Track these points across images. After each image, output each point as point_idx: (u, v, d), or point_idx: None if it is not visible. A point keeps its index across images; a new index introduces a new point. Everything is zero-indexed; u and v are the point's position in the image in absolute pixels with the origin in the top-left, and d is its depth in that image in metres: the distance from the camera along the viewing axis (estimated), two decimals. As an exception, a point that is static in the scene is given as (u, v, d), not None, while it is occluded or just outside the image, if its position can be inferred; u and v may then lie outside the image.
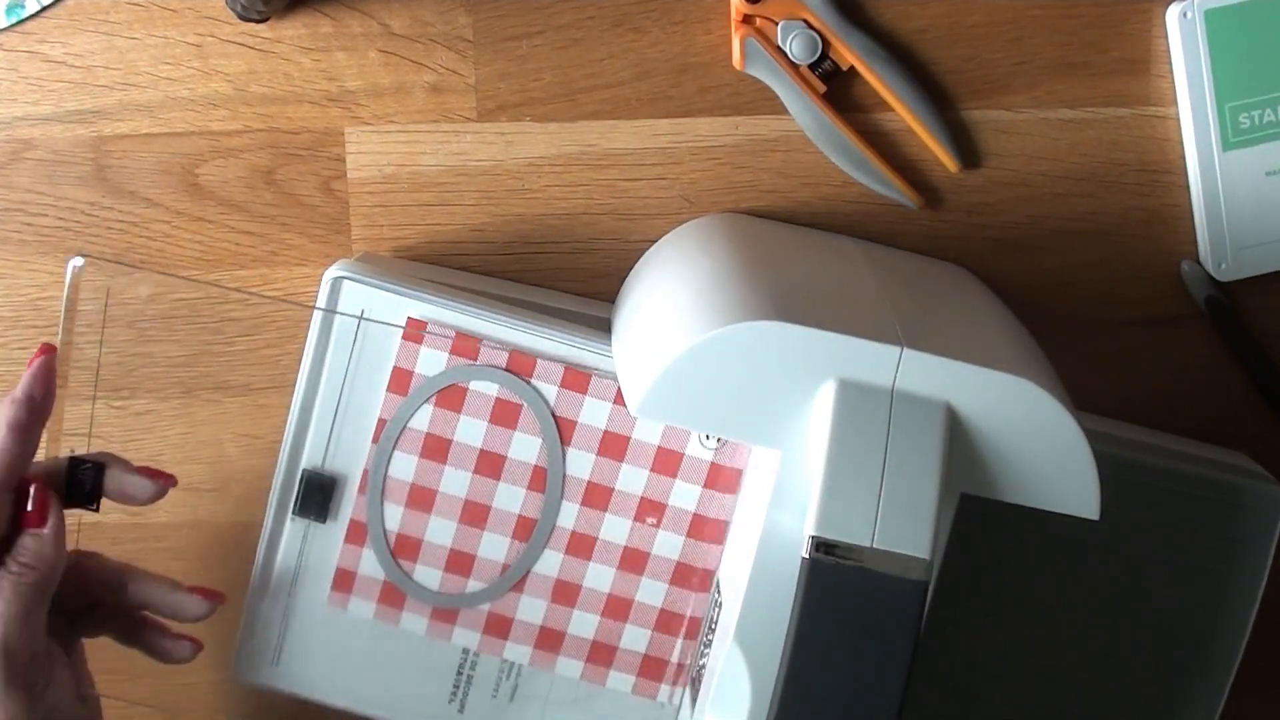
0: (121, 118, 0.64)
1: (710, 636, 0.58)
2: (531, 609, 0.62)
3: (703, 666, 0.59)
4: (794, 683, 0.48)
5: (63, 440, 0.67)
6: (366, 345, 0.60)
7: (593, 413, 0.60)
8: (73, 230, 0.65)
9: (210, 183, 0.65)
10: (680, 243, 0.64)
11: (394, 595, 0.62)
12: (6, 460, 0.55)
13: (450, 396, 0.60)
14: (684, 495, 0.61)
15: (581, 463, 0.61)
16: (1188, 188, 0.66)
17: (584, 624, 0.62)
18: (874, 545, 0.48)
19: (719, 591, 0.59)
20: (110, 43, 0.63)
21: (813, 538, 0.48)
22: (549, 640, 0.63)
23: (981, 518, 0.56)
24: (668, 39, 0.64)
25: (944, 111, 0.64)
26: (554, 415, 0.60)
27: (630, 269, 0.66)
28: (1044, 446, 0.53)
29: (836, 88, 0.64)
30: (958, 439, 0.52)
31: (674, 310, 0.56)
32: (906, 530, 0.49)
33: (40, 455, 0.58)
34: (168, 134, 0.64)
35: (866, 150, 0.64)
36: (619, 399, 0.60)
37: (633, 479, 0.61)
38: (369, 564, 0.62)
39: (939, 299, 0.61)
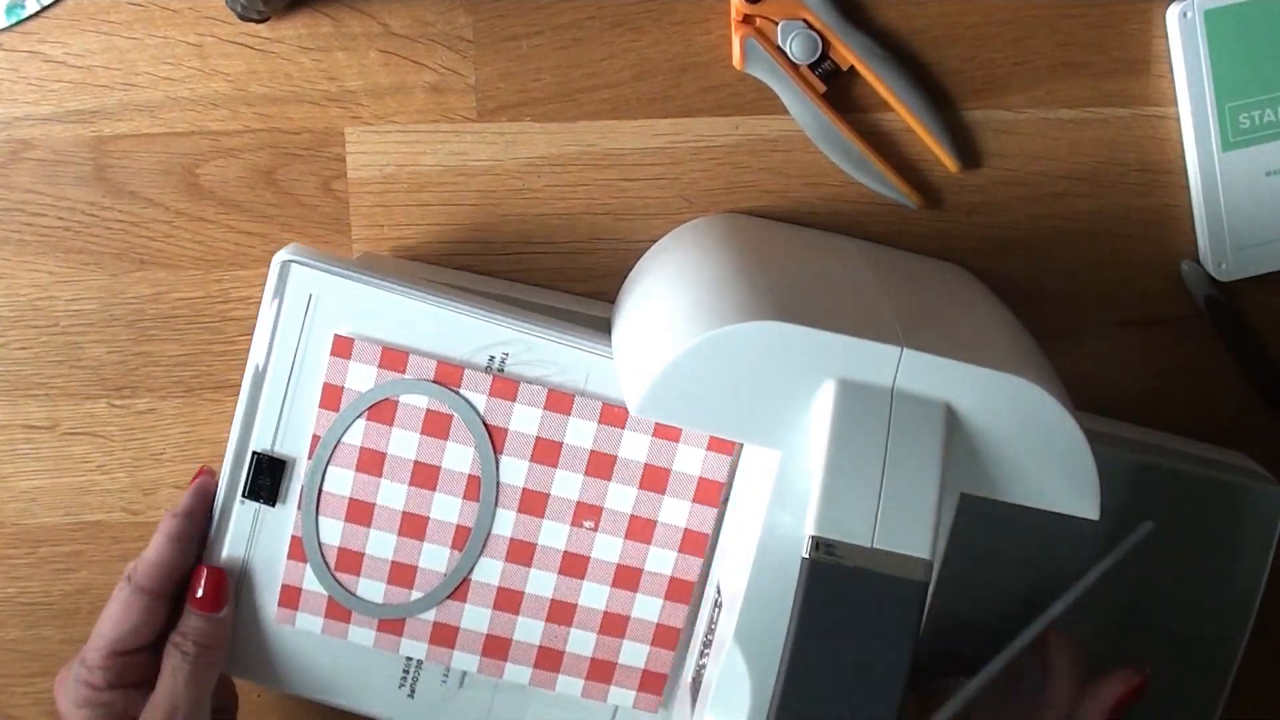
0: (121, 118, 0.64)
1: (710, 638, 0.58)
2: (476, 617, 0.62)
3: (702, 668, 0.59)
4: (794, 683, 0.48)
5: (62, 440, 0.67)
6: (311, 341, 0.59)
7: (523, 419, 0.60)
8: (73, 230, 0.65)
9: (210, 183, 0.65)
10: (680, 243, 0.64)
11: (339, 610, 0.62)
12: (167, 569, 0.59)
13: (382, 410, 0.60)
14: (620, 497, 0.61)
15: (515, 470, 0.61)
16: (1188, 188, 0.66)
17: (529, 630, 0.62)
18: (874, 545, 0.48)
19: (719, 593, 0.59)
20: (110, 43, 0.63)
21: (813, 538, 0.48)
22: (496, 648, 0.62)
23: (981, 518, 0.56)
24: (668, 39, 0.64)
25: (944, 111, 0.64)
26: (485, 424, 0.60)
27: (630, 269, 0.66)
28: (1044, 446, 0.53)
29: (836, 88, 0.64)
30: (958, 439, 0.52)
31: (674, 310, 0.56)
32: (906, 530, 0.49)
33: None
34: (168, 134, 0.64)
35: (866, 150, 0.64)
36: (548, 404, 0.60)
37: (568, 484, 0.61)
38: (311, 580, 0.61)
39: (939, 299, 0.61)
